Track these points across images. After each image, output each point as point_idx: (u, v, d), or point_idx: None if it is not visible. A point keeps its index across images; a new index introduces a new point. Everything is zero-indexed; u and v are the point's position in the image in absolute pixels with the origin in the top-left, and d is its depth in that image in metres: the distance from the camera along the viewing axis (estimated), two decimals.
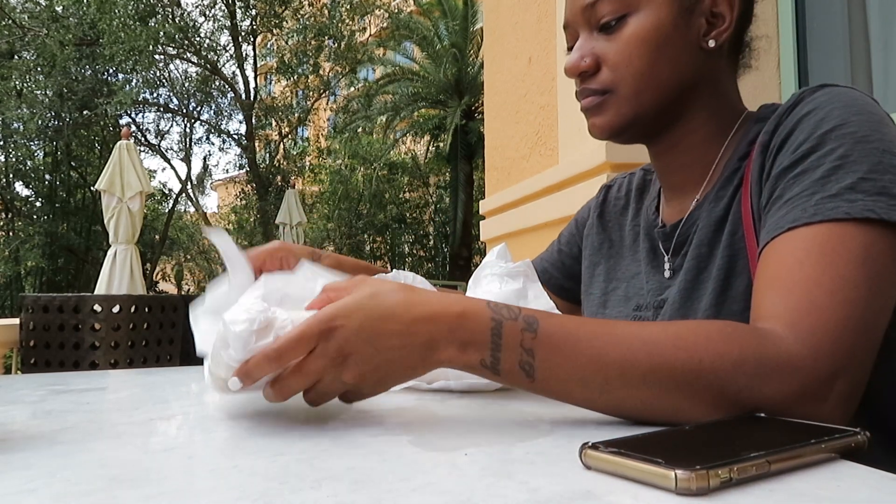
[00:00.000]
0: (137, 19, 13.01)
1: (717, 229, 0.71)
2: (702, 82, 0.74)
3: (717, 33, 0.72)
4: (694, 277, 0.72)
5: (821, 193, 0.59)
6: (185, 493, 0.37)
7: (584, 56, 0.74)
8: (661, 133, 0.77)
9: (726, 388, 0.51)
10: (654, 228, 0.82)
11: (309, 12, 15.76)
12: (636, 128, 0.75)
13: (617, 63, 0.72)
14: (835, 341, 0.53)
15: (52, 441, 0.50)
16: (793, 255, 0.58)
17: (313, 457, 0.44)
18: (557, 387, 0.54)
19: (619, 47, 0.72)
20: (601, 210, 0.96)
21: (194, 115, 15.96)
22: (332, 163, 18.27)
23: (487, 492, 0.36)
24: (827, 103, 0.64)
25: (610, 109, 0.74)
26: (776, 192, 0.63)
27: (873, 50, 1.66)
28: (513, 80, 2.79)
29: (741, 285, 0.67)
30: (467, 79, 14.80)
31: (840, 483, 0.38)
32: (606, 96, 0.73)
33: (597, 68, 0.74)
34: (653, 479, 0.36)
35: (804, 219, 0.58)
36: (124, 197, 4.52)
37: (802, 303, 0.55)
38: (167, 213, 17.05)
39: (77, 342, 3.12)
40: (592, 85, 0.74)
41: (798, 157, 0.62)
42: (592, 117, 0.76)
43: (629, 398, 0.53)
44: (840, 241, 0.56)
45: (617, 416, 0.55)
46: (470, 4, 14.57)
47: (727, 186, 0.72)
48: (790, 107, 0.67)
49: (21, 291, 14.02)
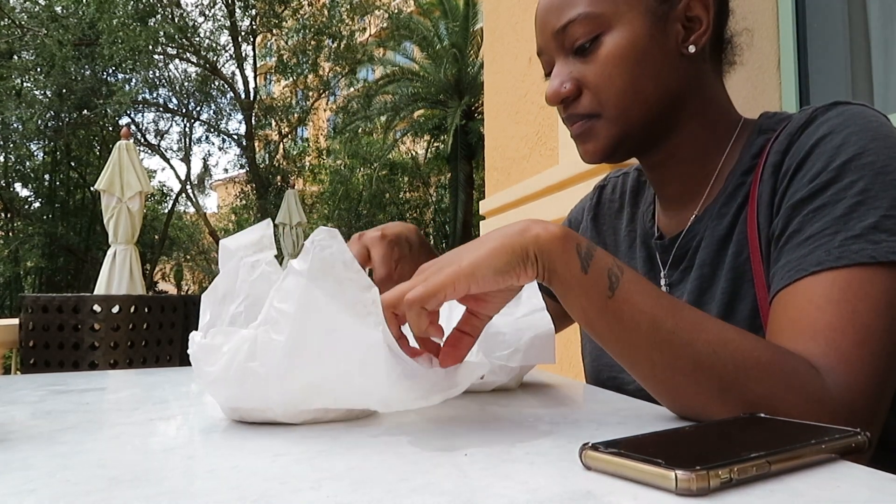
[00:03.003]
0: (137, 19, 13.01)
1: (721, 248, 0.70)
2: (688, 90, 0.72)
3: (695, 37, 0.70)
4: (696, 300, 0.70)
5: (844, 233, 0.57)
6: (184, 493, 0.37)
7: (564, 82, 0.72)
8: (656, 145, 0.74)
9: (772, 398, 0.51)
10: (652, 239, 0.80)
11: (308, 12, 15.77)
12: (627, 145, 0.73)
13: (598, 85, 0.70)
14: (865, 391, 0.53)
15: (52, 441, 0.50)
16: (813, 302, 0.56)
17: (313, 457, 0.44)
18: (630, 313, 0.53)
19: (598, 69, 0.70)
20: (595, 213, 0.94)
21: (194, 115, 15.97)
22: (332, 163, 18.28)
23: (487, 492, 0.36)
24: (842, 126, 0.62)
25: (599, 134, 0.72)
26: (792, 224, 0.61)
27: (873, 50, 1.66)
28: (513, 80, 2.79)
29: (745, 309, 0.66)
30: (467, 79, 14.81)
31: (840, 483, 0.38)
32: (594, 121, 0.72)
33: (578, 92, 0.72)
34: (653, 479, 0.36)
35: (829, 262, 0.56)
36: (124, 197, 4.52)
37: (829, 351, 0.54)
38: (167, 213, 17.05)
39: (77, 342, 3.11)
40: (578, 110, 0.72)
41: (816, 188, 0.60)
42: (583, 144, 0.74)
43: (683, 358, 0.52)
44: (861, 287, 0.55)
45: (659, 380, 0.54)
46: (470, 4, 14.57)
47: (730, 203, 0.70)
48: (802, 125, 0.65)
49: (20, 291, 14.02)
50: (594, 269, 0.53)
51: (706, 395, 0.52)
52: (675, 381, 0.53)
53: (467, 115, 14.46)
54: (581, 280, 0.53)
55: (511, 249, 0.52)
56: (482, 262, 0.51)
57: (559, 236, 0.53)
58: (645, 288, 0.54)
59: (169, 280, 20.72)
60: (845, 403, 0.52)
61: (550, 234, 0.53)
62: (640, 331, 0.53)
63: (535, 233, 0.53)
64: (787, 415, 0.51)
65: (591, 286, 0.53)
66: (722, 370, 0.52)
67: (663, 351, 0.53)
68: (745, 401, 0.51)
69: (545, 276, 0.54)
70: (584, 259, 0.53)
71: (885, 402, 0.55)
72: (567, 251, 0.53)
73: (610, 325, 0.54)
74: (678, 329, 0.53)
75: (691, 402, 0.53)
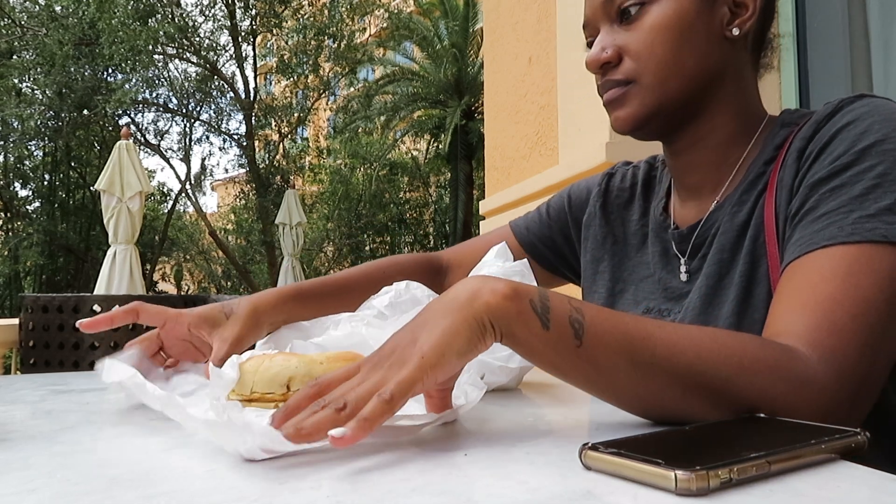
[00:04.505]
0: (137, 19, 13.00)
1: (740, 234, 0.70)
2: (725, 74, 0.72)
3: (740, 21, 0.71)
4: (715, 283, 0.70)
5: (859, 212, 0.58)
6: (184, 493, 0.37)
7: (606, 48, 0.72)
8: (684, 128, 0.74)
9: (764, 395, 0.51)
10: (667, 230, 0.80)
11: (309, 12, 15.76)
12: (660, 119, 0.72)
13: (639, 52, 0.70)
14: (856, 365, 0.53)
15: (52, 441, 0.50)
16: (818, 272, 0.57)
17: (313, 457, 0.44)
18: (604, 355, 0.50)
19: (641, 36, 0.70)
20: (604, 200, 0.92)
21: (194, 114, 15.96)
22: (332, 163, 18.27)
23: (487, 492, 0.36)
24: (867, 115, 0.63)
25: (634, 100, 0.71)
26: (809, 202, 0.62)
27: (873, 50, 1.66)
28: (513, 80, 2.79)
29: (762, 292, 0.66)
30: (467, 79, 14.80)
31: (840, 483, 0.38)
32: (629, 87, 0.71)
33: (618, 60, 0.71)
34: (653, 479, 0.36)
35: (841, 237, 0.57)
36: (124, 197, 4.52)
37: (823, 322, 0.54)
38: (167, 213, 17.04)
39: (77, 342, 3.11)
40: (615, 76, 0.72)
41: (835, 169, 0.61)
42: (616, 110, 0.73)
43: (670, 387, 0.51)
44: (868, 263, 0.56)
45: (650, 409, 0.54)
46: (470, 4, 14.57)
47: (751, 191, 0.70)
48: (829, 115, 0.66)
49: (20, 291, 14.02)
50: (555, 322, 0.50)
51: (698, 408, 0.52)
52: (664, 404, 0.53)
53: (467, 115, 14.45)
54: (544, 338, 0.50)
55: (467, 325, 0.48)
56: (444, 349, 0.47)
57: (509, 296, 0.49)
58: (611, 321, 0.52)
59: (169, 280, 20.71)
60: (832, 375, 0.52)
61: (500, 295, 0.49)
62: (618, 370, 0.51)
63: (485, 300, 0.49)
64: (780, 404, 0.51)
65: (557, 341, 0.50)
66: (708, 382, 0.51)
67: (648, 383, 0.52)
68: (738, 403, 0.51)
69: (504, 340, 0.50)
70: (542, 315, 0.50)
71: (876, 373, 0.55)
72: (522, 312, 0.49)
73: (586, 373, 0.52)
74: (656, 357, 0.51)
75: (686, 417, 0.52)
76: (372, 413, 0.43)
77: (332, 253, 17.87)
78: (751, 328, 0.64)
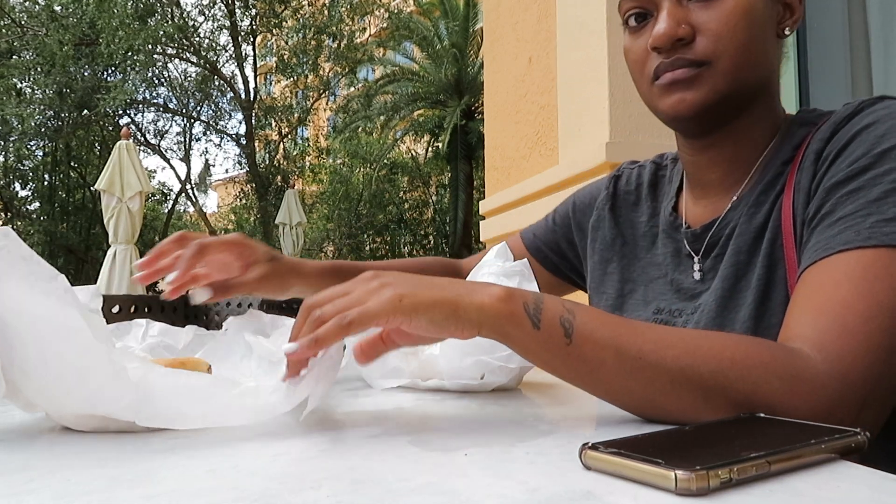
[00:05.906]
0: (136, 18, 13.00)
1: (758, 236, 0.69)
2: (773, 71, 0.72)
3: (790, 22, 0.71)
4: (731, 286, 0.69)
5: (876, 216, 0.57)
6: (185, 493, 0.37)
7: (681, 23, 0.67)
8: (731, 121, 0.72)
9: (757, 390, 0.51)
10: (679, 229, 0.79)
11: (309, 12, 15.76)
12: (724, 107, 0.69)
13: (720, 32, 0.66)
14: (867, 368, 0.52)
15: (52, 441, 0.50)
16: (833, 277, 0.56)
17: (313, 457, 0.45)
18: (592, 351, 0.53)
19: (723, 16, 0.66)
20: (613, 203, 0.91)
21: (193, 114, 15.96)
22: (332, 163, 18.27)
23: (487, 492, 0.36)
24: (887, 118, 0.62)
25: (706, 84, 0.67)
26: (826, 206, 0.61)
27: (873, 50, 1.66)
28: (513, 80, 2.79)
29: (779, 297, 0.65)
30: (467, 79, 14.80)
31: (840, 483, 0.38)
32: (703, 69, 0.67)
33: (692, 37, 0.67)
34: (653, 479, 0.36)
35: (857, 242, 0.57)
36: (124, 197, 4.53)
37: (833, 326, 0.54)
38: (167, 213, 17.05)
39: None
40: (688, 55, 0.67)
41: (853, 172, 0.60)
42: (682, 91, 0.68)
43: (658, 380, 0.52)
44: (884, 267, 0.55)
45: (640, 404, 0.54)
46: (470, 4, 14.57)
47: (769, 191, 0.70)
48: (847, 116, 0.65)
49: None
50: (545, 322, 0.53)
51: (691, 406, 0.52)
52: (656, 401, 0.53)
53: (467, 115, 14.45)
54: (536, 337, 0.53)
55: (452, 308, 0.52)
56: (421, 308, 0.52)
57: (504, 299, 0.53)
58: (601, 321, 0.54)
59: None
60: (836, 375, 0.52)
61: (495, 298, 0.53)
62: (606, 365, 0.53)
63: (479, 302, 0.53)
64: (777, 402, 0.50)
65: (547, 339, 0.53)
66: (699, 379, 0.51)
67: (636, 377, 0.52)
68: (731, 401, 0.51)
69: (501, 339, 0.54)
70: (532, 316, 0.53)
71: (888, 379, 0.54)
72: (515, 313, 0.53)
73: (577, 368, 0.54)
74: (644, 352, 0.52)
75: (679, 415, 0.52)
76: (325, 333, 0.51)
77: (333, 253, 17.86)
78: (768, 333, 0.64)
